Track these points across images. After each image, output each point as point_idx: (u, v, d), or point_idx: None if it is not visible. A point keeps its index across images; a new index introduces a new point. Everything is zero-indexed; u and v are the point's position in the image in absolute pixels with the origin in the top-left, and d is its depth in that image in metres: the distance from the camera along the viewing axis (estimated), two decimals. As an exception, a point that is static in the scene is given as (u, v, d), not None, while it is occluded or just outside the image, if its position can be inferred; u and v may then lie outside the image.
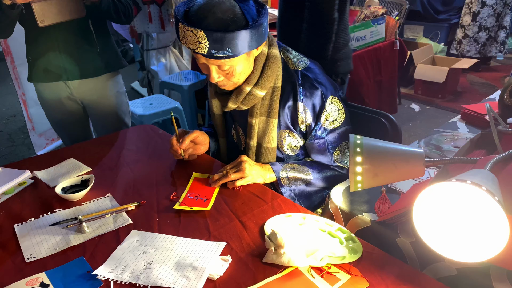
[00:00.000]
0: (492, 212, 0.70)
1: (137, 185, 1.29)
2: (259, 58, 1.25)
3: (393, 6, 3.96)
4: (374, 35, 2.78)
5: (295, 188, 1.32)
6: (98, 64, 1.89)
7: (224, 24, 1.10)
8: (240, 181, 1.23)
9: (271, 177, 1.30)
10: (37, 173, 1.36)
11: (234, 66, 1.19)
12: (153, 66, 3.64)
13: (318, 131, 1.31)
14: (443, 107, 3.90)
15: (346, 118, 1.34)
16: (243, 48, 1.13)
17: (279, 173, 1.29)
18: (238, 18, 1.12)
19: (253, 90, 1.26)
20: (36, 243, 1.04)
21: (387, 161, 0.92)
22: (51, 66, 1.82)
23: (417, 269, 0.96)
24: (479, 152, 1.10)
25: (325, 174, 1.34)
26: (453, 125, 1.56)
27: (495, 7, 4.33)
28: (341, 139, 1.34)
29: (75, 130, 2.07)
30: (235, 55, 1.13)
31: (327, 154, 1.34)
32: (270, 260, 0.93)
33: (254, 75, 1.25)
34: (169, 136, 1.53)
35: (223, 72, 1.20)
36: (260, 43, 1.17)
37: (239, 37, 1.10)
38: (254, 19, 1.15)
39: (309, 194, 1.35)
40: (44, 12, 1.61)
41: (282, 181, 1.30)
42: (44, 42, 1.79)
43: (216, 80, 1.21)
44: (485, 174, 0.78)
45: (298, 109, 1.28)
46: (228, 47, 1.10)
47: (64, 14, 1.66)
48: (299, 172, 1.31)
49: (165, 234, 1.05)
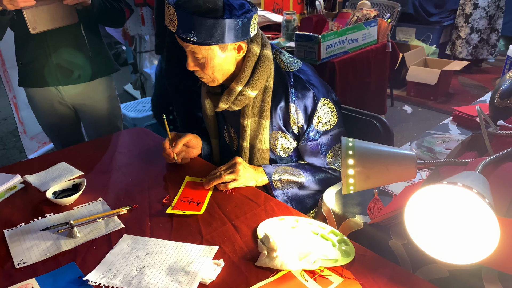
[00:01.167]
0: (483, 214, 0.70)
1: (129, 189, 1.28)
2: (250, 58, 1.25)
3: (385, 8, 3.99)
4: (366, 37, 2.80)
5: (288, 191, 1.32)
6: (90, 69, 1.88)
7: (197, 8, 1.11)
8: (233, 184, 1.23)
9: (263, 180, 1.29)
10: (28, 177, 1.34)
11: (207, 58, 1.19)
12: (146, 69, 3.63)
13: (311, 133, 1.31)
14: (435, 109, 3.93)
15: (339, 120, 1.35)
16: (208, 38, 1.13)
17: (271, 176, 1.29)
18: (216, 9, 1.12)
19: (244, 90, 1.26)
20: (26, 248, 1.03)
21: (379, 164, 0.92)
22: (42, 71, 1.81)
23: (410, 271, 0.96)
24: (470, 154, 1.10)
25: (318, 176, 1.34)
26: (444, 127, 1.57)
27: (488, 10, 4.37)
28: (334, 141, 1.34)
29: (66, 134, 2.05)
30: (199, 42, 1.14)
31: (320, 156, 1.34)
32: (263, 263, 0.93)
33: (245, 75, 1.25)
34: (161, 139, 1.53)
35: (197, 62, 1.21)
36: (233, 40, 1.17)
37: (206, 24, 1.11)
38: (233, 13, 1.14)
39: (302, 197, 1.35)
40: (36, 19, 1.60)
41: (274, 184, 1.30)
42: (34, 47, 1.77)
43: (191, 68, 1.23)
44: (475, 176, 0.78)
45: (290, 110, 1.29)
46: (193, 31, 1.12)
47: (56, 20, 1.64)
48: (291, 175, 1.31)
49: (157, 239, 1.04)
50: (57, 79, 1.83)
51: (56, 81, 1.84)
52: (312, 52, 2.51)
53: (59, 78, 1.83)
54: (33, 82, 1.86)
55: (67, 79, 1.84)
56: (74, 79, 1.86)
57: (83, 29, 1.80)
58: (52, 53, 1.78)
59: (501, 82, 1.39)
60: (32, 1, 1.53)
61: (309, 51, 2.52)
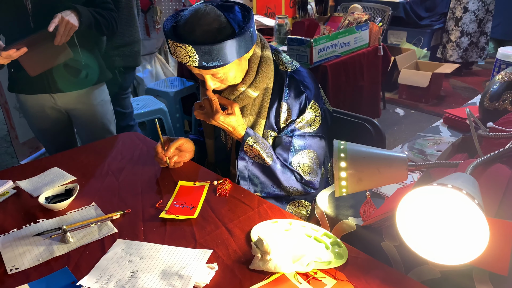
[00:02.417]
0: (472, 215, 0.71)
1: (122, 193, 1.28)
2: (253, 59, 1.28)
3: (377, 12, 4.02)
4: (358, 41, 2.82)
5: (251, 164, 1.32)
6: (83, 77, 1.87)
7: (211, 35, 1.12)
8: (221, 117, 1.24)
9: (240, 134, 1.29)
10: (20, 183, 1.34)
11: (227, 73, 1.21)
12: (138, 73, 3.62)
13: (289, 127, 1.32)
14: (427, 111, 3.96)
15: (320, 128, 1.35)
16: (232, 56, 1.15)
17: (248, 137, 1.29)
18: (224, 27, 1.14)
19: (247, 90, 1.28)
20: (18, 254, 1.02)
21: (371, 166, 0.93)
22: (34, 78, 1.80)
23: (402, 273, 0.97)
24: (461, 155, 1.12)
25: (284, 170, 1.32)
26: (435, 129, 1.58)
27: (477, 13, 4.42)
28: (307, 146, 1.34)
29: (59, 139, 2.04)
30: (225, 64, 1.16)
31: (288, 153, 1.33)
32: (257, 266, 0.93)
33: (250, 76, 1.28)
34: (154, 143, 1.52)
35: (218, 79, 1.23)
36: (249, 48, 1.20)
37: (227, 47, 1.12)
38: (241, 25, 1.16)
39: (258, 180, 1.34)
40: (33, 64, 1.65)
41: (245, 145, 1.29)
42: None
43: (212, 87, 1.25)
44: (465, 177, 0.79)
45: (281, 108, 1.31)
46: (217, 57, 1.13)
47: (51, 60, 1.69)
48: (264, 151, 1.29)
49: (150, 243, 1.04)
50: (49, 87, 1.82)
51: (48, 88, 1.83)
52: (304, 55, 2.52)
53: (51, 86, 1.82)
54: (25, 88, 1.85)
55: (60, 87, 1.84)
56: (66, 87, 1.85)
57: (76, 37, 1.80)
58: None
59: (490, 84, 1.41)
60: (23, 50, 1.56)
61: (301, 54, 2.54)
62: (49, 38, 1.60)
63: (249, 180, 1.34)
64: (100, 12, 1.77)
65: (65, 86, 1.84)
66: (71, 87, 1.86)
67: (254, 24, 1.23)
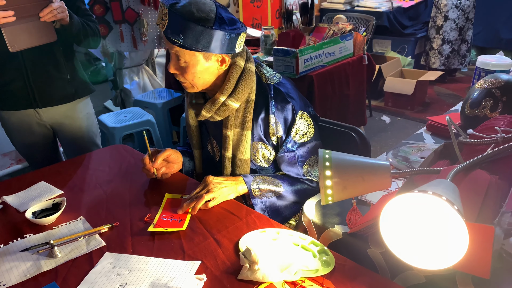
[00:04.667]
0: (452, 220, 0.73)
1: (110, 206, 1.28)
2: (235, 70, 1.29)
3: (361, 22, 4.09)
4: (343, 50, 2.86)
5: (266, 200, 1.34)
6: (68, 91, 1.87)
7: (190, 13, 1.16)
8: (212, 202, 1.23)
9: (243, 189, 1.31)
10: (6, 198, 1.33)
11: (189, 63, 1.23)
12: (126, 85, 3.62)
13: (288, 144, 1.35)
14: (412, 118, 4.02)
15: (316, 133, 1.39)
16: (194, 43, 1.17)
17: (250, 185, 1.31)
18: (207, 19, 1.17)
19: (227, 101, 1.29)
20: (5, 270, 1.02)
21: (355, 174, 0.95)
22: (19, 94, 1.78)
23: (388, 279, 0.98)
24: (443, 162, 1.15)
25: (296, 187, 1.36)
26: (419, 136, 1.61)
27: (457, 21, 4.52)
28: (311, 153, 1.37)
29: (43, 154, 2.02)
30: (185, 46, 1.18)
31: (297, 167, 1.37)
32: (245, 276, 0.94)
33: (228, 86, 1.28)
34: (142, 155, 1.53)
35: (179, 65, 1.25)
36: (218, 51, 1.21)
37: (194, 30, 1.15)
38: (222, 25, 1.18)
39: (279, 207, 1.36)
40: (15, 37, 1.58)
41: (253, 192, 1.31)
42: (10, 69, 1.75)
43: (172, 71, 1.27)
44: (446, 184, 0.81)
45: (269, 121, 1.32)
46: (182, 34, 1.16)
47: (35, 38, 1.63)
48: (270, 184, 1.33)
49: (139, 256, 1.04)
50: (34, 102, 1.82)
51: (34, 103, 1.82)
52: (290, 66, 2.55)
53: (36, 100, 1.81)
54: (8, 104, 1.83)
55: (45, 102, 1.83)
56: (51, 101, 1.84)
57: (61, 51, 1.80)
58: (29, 75, 1.76)
59: (471, 92, 1.44)
60: (11, 18, 1.52)
61: (287, 65, 2.57)
62: (37, 16, 1.58)
63: (268, 209, 1.36)
64: (87, 23, 1.80)
65: (51, 100, 1.84)
66: (56, 101, 1.86)
67: (241, 40, 1.25)
